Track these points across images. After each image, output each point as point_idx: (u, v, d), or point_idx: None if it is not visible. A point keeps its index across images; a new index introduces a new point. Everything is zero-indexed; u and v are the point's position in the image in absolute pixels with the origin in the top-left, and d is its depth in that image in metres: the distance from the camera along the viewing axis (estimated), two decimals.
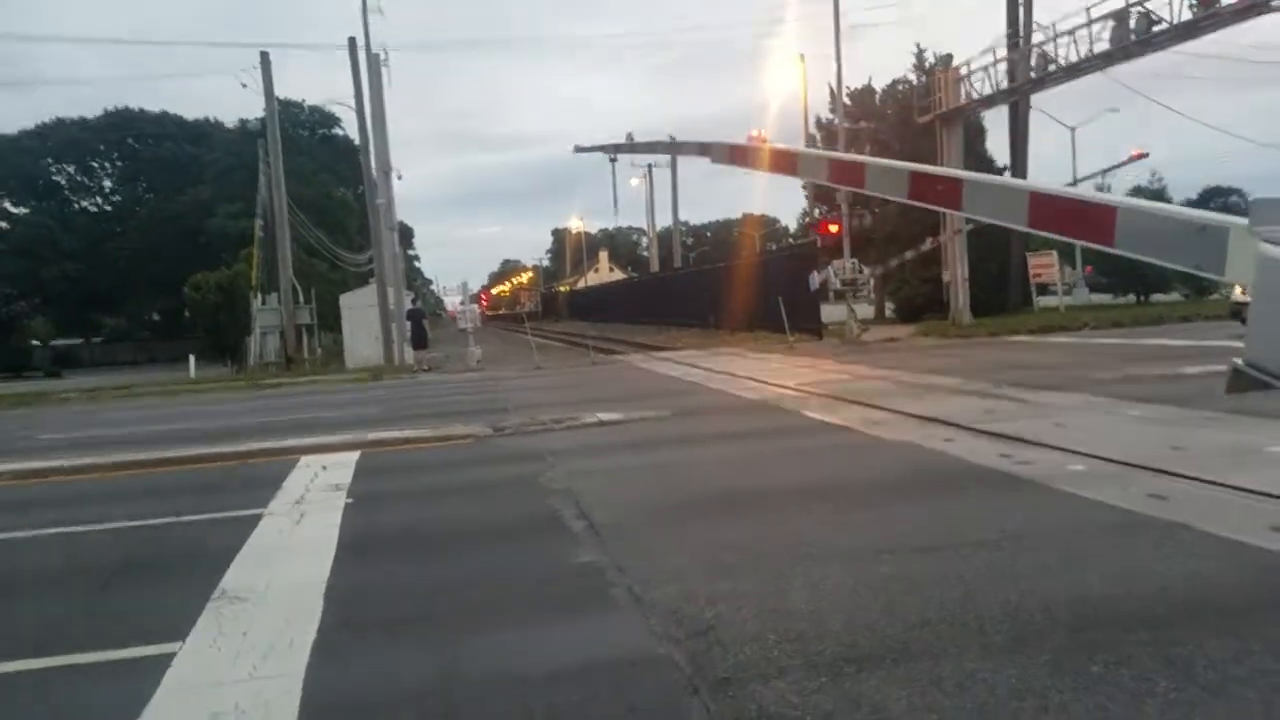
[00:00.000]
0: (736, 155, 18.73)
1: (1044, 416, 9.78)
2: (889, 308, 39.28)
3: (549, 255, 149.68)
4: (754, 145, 20.04)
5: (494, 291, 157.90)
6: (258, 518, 7.45)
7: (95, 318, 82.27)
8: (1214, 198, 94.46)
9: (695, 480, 8.05)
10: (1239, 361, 4.22)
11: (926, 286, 33.34)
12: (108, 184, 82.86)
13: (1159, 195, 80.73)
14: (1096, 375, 13.33)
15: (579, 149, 48.02)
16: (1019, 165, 36.38)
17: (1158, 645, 3.80)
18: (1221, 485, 6.28)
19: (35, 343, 74.19)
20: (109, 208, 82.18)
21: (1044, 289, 37.94)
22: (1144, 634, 3.92)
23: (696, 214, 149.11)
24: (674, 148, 22.06)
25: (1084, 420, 9.46)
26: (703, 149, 20.30)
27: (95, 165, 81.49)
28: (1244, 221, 4.54)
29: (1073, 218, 6.67)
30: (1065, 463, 7.43)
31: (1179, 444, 7.78)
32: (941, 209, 10.64)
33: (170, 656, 4.43)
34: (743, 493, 7.24)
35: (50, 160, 78.91)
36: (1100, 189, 75.43)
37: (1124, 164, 39.65)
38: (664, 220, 69.68)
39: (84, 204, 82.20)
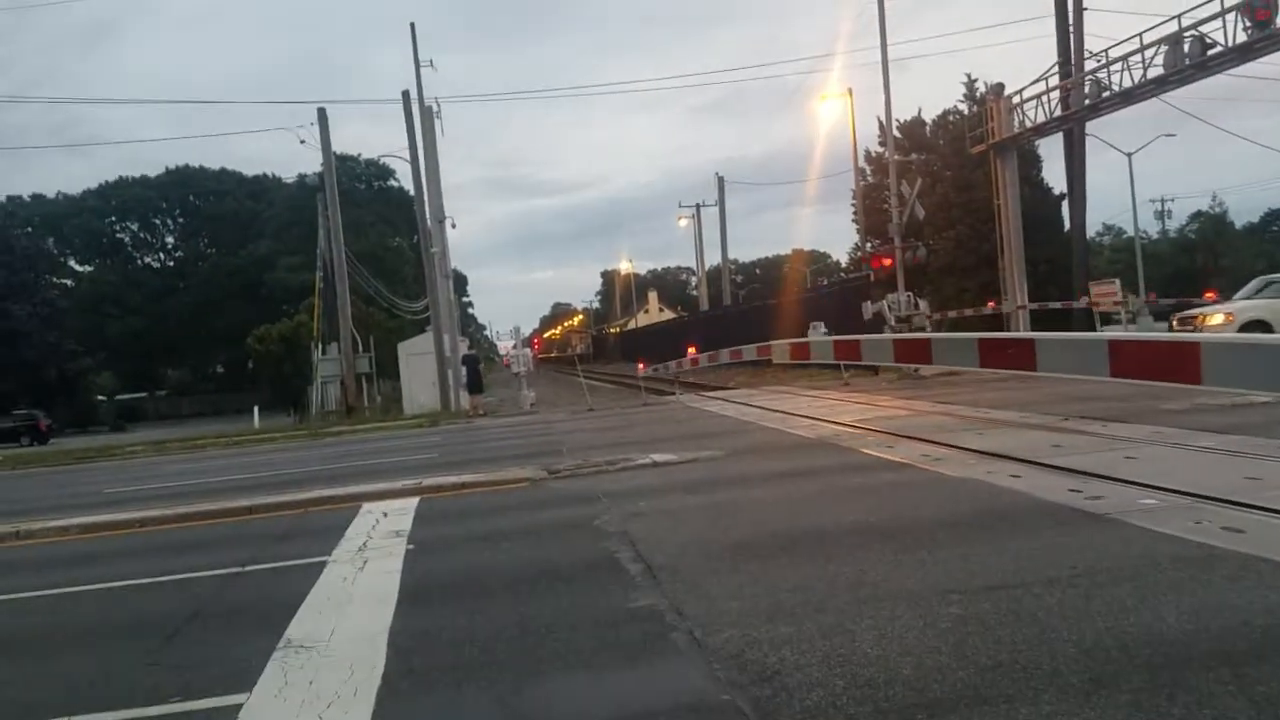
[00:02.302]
0: (796, 353, 19.55)
1: (1114, 449, 9.55)
2: None
3: (599, 297, 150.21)
4: (817, 339, 21.50)
5: (546, 335, 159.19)
6: (322, 565, 7.53)
7: (159, 371, 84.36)
8: (1276, 220, 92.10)
9: (753, 521, 7.97)
10: None
11: (986, 318, 32.89)
12: (170, 240, 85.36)
13: (1220, 219, 78.95)
14: (1166, 405, 13.00)
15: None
16: (1077, 193, 35.91)
17: (1239, 683, 3.66)
18: None
19: (100, 398, 76.01)
20: (171, 263, 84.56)
21: (1107, 318, 37.20)
22: (1224, 671, 3.78)
23: (745, 251, 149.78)
24: (736, 352, 24.39)
25: (1155, 452, 9.22)
26: (760, 349, 21.65)
27: (157, 222, 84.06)
28: None
29: (1156, 361, 6.38)
30: (1137, 497, 7.23)
31: (1253, 475, 7.54)
32: (1014, 370, 10.52)
33: (237, 708, 4.48)
34: (802, 533, 7.15)
35: (114, 219, 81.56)
36: (1160, 215, 73.67)
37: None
38: (713, 259, 69.97)
39: (147, 260, 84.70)
